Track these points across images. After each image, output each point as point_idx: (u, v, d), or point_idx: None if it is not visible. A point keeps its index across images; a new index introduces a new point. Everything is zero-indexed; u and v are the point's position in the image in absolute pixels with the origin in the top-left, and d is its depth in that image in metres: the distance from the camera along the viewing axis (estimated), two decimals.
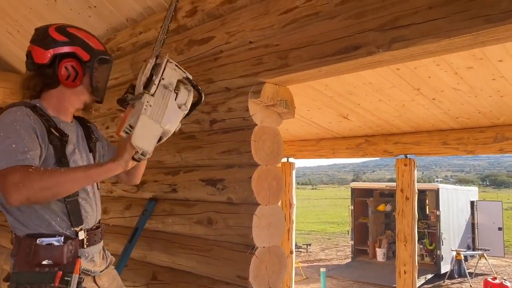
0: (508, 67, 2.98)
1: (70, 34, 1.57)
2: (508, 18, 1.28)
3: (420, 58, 1.66)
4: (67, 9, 3.09)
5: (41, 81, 1.56)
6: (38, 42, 1.55)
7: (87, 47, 1.58)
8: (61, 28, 1.58)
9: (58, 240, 1.46)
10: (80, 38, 1.58)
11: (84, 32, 1.63)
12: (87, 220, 1.58)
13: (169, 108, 1.57)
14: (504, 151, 4.10)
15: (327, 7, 1.77)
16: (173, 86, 1.59)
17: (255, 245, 2.00)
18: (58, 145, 1.51)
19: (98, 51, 1.62)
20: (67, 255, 1.47)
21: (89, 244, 1.57)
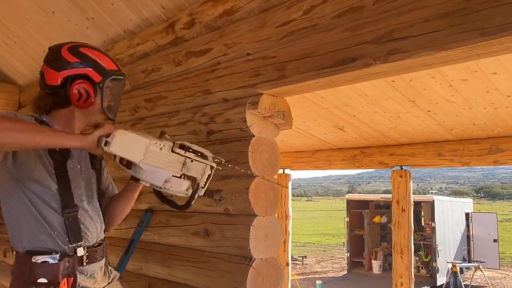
0: (502, 79, 3.02)
1: (82, 55, 1.56)
2: (502, 31, 1.30)
3: (417, 70, 1.69)
4: (64, 20, 3.10)
5: (52, 101, 1.57)
6: (50, 63, 1.55)
7: (99, 68, 1.57)
8: (74, 48, 1.57)
9: (53, 258, 1.45)
10: (92, 59, 1.57)
11: (97, 52, 1.61)
12: (87, 237, 1.56)
13: (162, 169, 1.45)
14: (499, 162, 4.13)
15: (324, 20, 1.79)
16: (186, 173, 1.51)
17: (252, 257, 1.99)
18: (59, 160, 1.51)
19: (110, 72, 1.60)
20: (63, 273, 1.45)
21: (89, 261, 1.55)
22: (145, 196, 2.64)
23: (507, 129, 3.98)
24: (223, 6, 2.23)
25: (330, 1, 1.77)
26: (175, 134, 2.46)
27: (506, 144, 4.10)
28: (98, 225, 1.65)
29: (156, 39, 2.67)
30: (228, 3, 2.20)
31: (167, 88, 2.54)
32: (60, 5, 2.97)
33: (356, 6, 1.68)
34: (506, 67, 2.81)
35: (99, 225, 1.66)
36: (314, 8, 1.83)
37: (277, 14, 1.99)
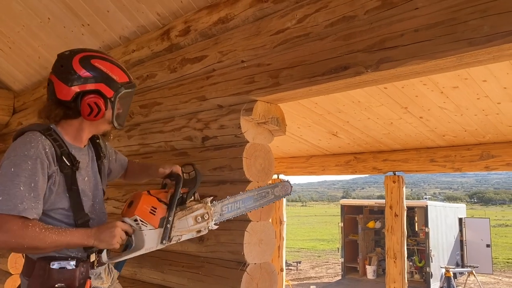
0: (492, 87, 3.08)
1: (94, 69, 1.53)
2: (489, 41, 1.34)
3: (407, 78, 1.72)
4: (60, 27, 3.12)
5: (62, 112, 1.57)
6: (60, 75, 1.52)
7: (111, 83, 1.56)
8: (86, 60, 1.54)
9: (71, 264, 1.50)
10: (104, 73, 1.55)
11: (109, 63, 1.58)
12: None
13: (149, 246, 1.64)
14: (490, 168, 4.19)
15: (317, 29, 1.82)
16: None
17: (246, 262, 2.01)
18: (69, 173, 1.52)
19: (122, 84, 1.60)
20: (79, 278, 1.50)
21: (99, 264, 1.61)
22: None
23: (497, 136, 4.04)
24: (218, 14, 2.26)
25: (323, 10, 1.81)
26: (170, 140, 2.48)
27: (496, 150, 4.16)
28: None
29: (151, 46, 2.70)
30: (223, 11, 2.23)
31: (162, 94, 2.56)
32: (56, 11, 2.99)
33: (348, 16, 1.72)
34: (496, 75, 2.87)
35: None
36: (308, 17, 1.86)
37: (271, 23, 2.02)
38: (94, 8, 2.84)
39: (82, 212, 1.56)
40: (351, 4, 1.71)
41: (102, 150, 1.78)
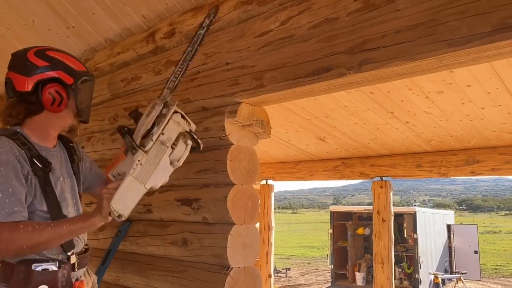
0: (476, 92, 3.11)
1: (50, 58, 1.53)
2: (468, 42, 1.35)
3: (390, 80, 1.73)
4: (45, 29, 3.09)
5: (24, 109, 1.53)
6: (18, 69, 1.51)
7: (70, 70, 1.55)
8: (41, 52, 1.54)
9: (53, 265, 1.48)
10: (61, 61, 1.54)
11: (64, 54, 1.59)
12: (77, 244, 1.59)
13: (160, 166, 1.55)
14: (475, 173, 4.23)
15: (300, 31, 1.83)
16: (171, 142, 1.57)
17: (230, 266, 1.99)
18: (42, 175, 1.49)
19: (81, 73, 1.59)
20: (61, 280, 1.48)
21: (79, 267, 1.59)
22: None
23: (482, 141, 4.08)
24: (203, 16, 2.25)
25: (306, 12, 1.81)
26: None
27: (482, 155, 4.20)
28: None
29: (136, 48, 2.68)
30: None
31: (146, 97, 2.54)
32: (41, 13, 2.96)
33: (330, 17, 1.73)
34: (479, 80, 2.90)
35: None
36: (291, 19, 1.87)
37: (255, 25, 2.02)
38: (79, 10, 2.81)
39: (60, 213, 1.53)
40: (333, 6, 1.72)
41: (76, 154, 1.74)
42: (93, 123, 2.96)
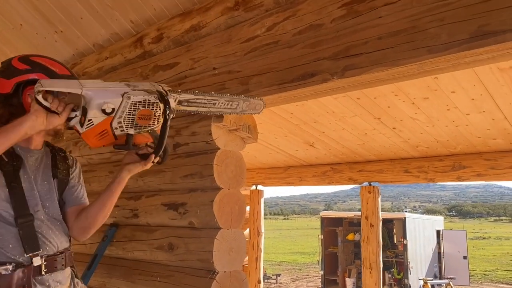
0: (460, 98, 3.16)
1: (32, 62, 1.54)
2: (447, 49, 1.38)
3: (373, 86, 1.76)
4: (33, 33, 3.08)
5: (7, 111, 1.52)
6: (1, 74, 1.53)
7: (50, 73, 1.54)
8: (24, 57, 1.56)
9: (6, 269, 1.39)
10: (42, 65, 1.54)
11: (48, 59, 1.59)
12: (45, 246, 1.50)
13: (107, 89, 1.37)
14: (462, 179, 4.28)
15: (286, 37, 1.85)
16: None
17: (215, 270, 1.99)
18: (10, 170, 1.47)
19: (63, 76, 1.56)
20: (17, 284, 1.40)
21: (48, 271, 1.48)
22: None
23: (468, 147, 4.14)
24: (190, 22, 2.28)
25: (291, 18, 1.84)
26: None
27: (468, 161, 4.26)
28: (59, 234, 1.58)
29: (124, 53, 2.69)
30: (195, 18, 2.25)
31: None
32: (28, 17, 2.96)
33: (315, 24, 1.75)
34: (463, 86, 2.95)
35: (60, 235, 1.59)
36: (277, 25, 1.89)
37: (242, 30, 2.05)
38: (67, 14, 2.82)
39: (25, 211, 1.48)
40: (318, 13, 1.75)
41: (66, 162, 1.71)
42: None
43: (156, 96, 1.40)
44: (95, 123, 1.35)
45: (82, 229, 1.66)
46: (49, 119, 1.38)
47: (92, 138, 1.38)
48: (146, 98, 1.38)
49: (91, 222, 1.66)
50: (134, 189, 2.50)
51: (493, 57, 1.40)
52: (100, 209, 1.64)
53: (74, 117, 1.36)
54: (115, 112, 1.34)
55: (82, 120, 1.34)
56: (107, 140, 1.41)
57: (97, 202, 1.64)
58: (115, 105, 1.33)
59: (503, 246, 33.07)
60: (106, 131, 1.37)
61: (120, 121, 1.36)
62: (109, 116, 1.34)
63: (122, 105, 1.34)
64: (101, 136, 1.39)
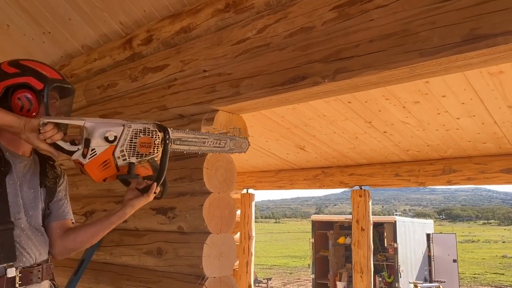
0: (451, 102, 3.17)
1: (21, 66, 1.52)
2: (438, 52, 1.37)
3: (364, 89, 1.74)
4: (20, 34, 3.03)
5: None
6: None
7: (40, 76, 1.51)
8: (14, 61, 1.55)
9: None
10: (32, 68, 1.52)
11: (39, 63, 1.57)
12: (22, 258, 1.44)
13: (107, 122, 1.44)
14: (452, 182, 4.30)
15: (277, 39, 1.83)
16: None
17: (205, 276, 1.95)
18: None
19: (53, 79, 1.54)
20: None
21: (22, 283, 1.41)
22: (97, 214, 2.57)
23: (458, 151, 4.16)
24: (180, 23, 2.25)
25: (282, 21, 1.82)
26: None
27: (458, 165, 4.28)
28: (38, 245, 1.52)
29: (113, 55, 2.65)
30: (185, 20, 2.22)
31: (122, 103, 2.51)
32: (16, 18, 2.90)
33: (306, 26, 1.74)
34: (454, 90, 2.96)
35: (40, 246, 1.53)
36: (268, 27, 1.87)
37: (233, 32, 2.02)
38: (55, 15, 2.77)
39: (5, 219, 1.42)
40: (309, 15, 1.74)
41: (55, 171, 1.67)
42: (68, 130, 2.90)
43: (154, 125, 1.46)
44: (98, 153, 1.38)
45: (66, 250, 1.63)
46: (30, 134, 1.38)
47: (95, 169, 1.39)
48: (146, 126, 1.43)
49: (78, 246, 1.64)
50: (122, 193, 2.45)
51: (485, 61, 1.39)
52: (92, 237, 1.62)
53: (76, 151, 1.39)
54: (117, 141, 1.38)
55: (85, 152, 1.37)
56: (109, 171, 1.41)
57: (90, 229, 1.61)
58: (117, 133, 1.38)
59: (491, 249, 33.40)
60: (108, 161, 1.39)
61: (122, 149, 1.40)
62: (112, 145, 1.38)
63: (124, 133, 1.39)
64: (104, 166, 1.40)
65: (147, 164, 1.50)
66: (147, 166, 1.51)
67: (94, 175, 1.40)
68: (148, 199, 1.57)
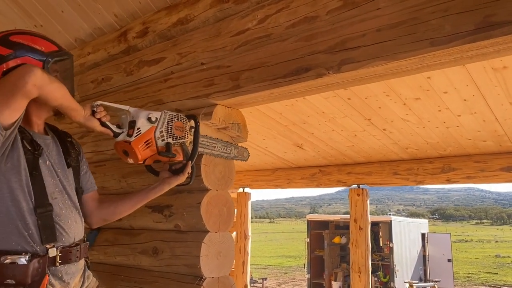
0: (452, 99, 3.12)
1: (14, 44, 1.45)
2: (451, 41, 1.31)
3: (369, 82, 1.68)
4: (10, 26, 2.92)
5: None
6: None
7: (37, 53, 1.47)
8: (4, 39, 1.46)
9: (22, 259, 1.38)
10: (26, 46, 1.46)
11: (31, 36, 1.51)
12: (61, 238, 1.48)
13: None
14: (451, 181, 4.25)
15: (278, 30, 1.76)
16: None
17: (203, 276, 1.89)
18: (31, 158, 1.44)
19: (51, 53, 1.50)
20: (32, 274, 1.38)
21: (62, 262, 1.47)
22: None
23: (458, 149, 4.11)
24: (177, 15, 2.17)
25: (284, 10, 1.75)
26: None
27: (457, 163, 4.24)
28: (76, 224, 1.56)
29: (107, 48, 2.57)
30: (182, 11, 2.15)
31: (117, 98, 2.43)
32: (6, 10, 2.81)
33: (310, 16, 1.67)
34: (456, 86, 2.90)
35: (77, 224, 1.57)
36: (269, 18, 1.80)
37: (232, 24, 1.95)
38: (47, 8, 2.68)
39: (44, 201, 1.44)
40: (312, 5, 1.67)
41: (74, 148, 1.68)
42: (61, 126, 2.81)
43: (183, 115, 1.75)
44: (142, 132, 1.59)
45: (102, 220, 1.76)
46: (88, 116, 1.57)
47: (140, 147, 1.59)
48: (178, 114, 1.72)
49: (115, 217, 1.77)
50: (117, 190, 2.38)
51: (498, 50, 1.33)
52: (129, 208, 1.77)
53: (121, 133, 1.61)
54: (157, 122, 1.63)
55: (131, 132, 1.59)
56: (150, 150, 1.62)
57: (129, 201, 1.76)
58: (157, 116, 1.63)
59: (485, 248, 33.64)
60: (150, 141, 1.61)
61: (162, 130, 1.63)
62: (153, 126, 1.61)
63: (162, 117, 1.64)
64: (146, 145, 1.60)
65: (179, 148, 1.71)
66: (179, 150, 1.71)
67: (139, 153, 1.59)
68: (181, 179, 1.76)
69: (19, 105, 1.30)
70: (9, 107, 1.28)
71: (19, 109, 1.31)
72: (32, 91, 1.30)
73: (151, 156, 1.65)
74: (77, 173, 1.66)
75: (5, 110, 1.27)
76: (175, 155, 1.67)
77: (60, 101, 1.42)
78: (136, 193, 1.77)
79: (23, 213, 1.40)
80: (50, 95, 1.36)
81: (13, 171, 1.40)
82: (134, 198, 1.75)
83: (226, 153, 2.00)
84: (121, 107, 1.63)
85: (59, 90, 1.39)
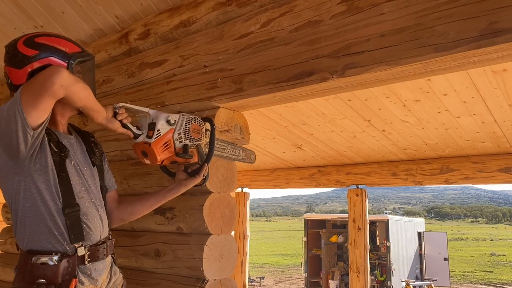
0: (452, 100, 3.13)
1: (39, 46, 1.48)
2: (455, 47, 1.32)
3: (373, 86, 1.68)
4: (10, 28, 2.92)
5: None
6: (10, 62, 1.49)
7: (61, 54, 1.50)
8: (29, 40, 1.49)
9: (52, 259, 1.42)
10: (51, 47, 1.49)
11: (55, 37, 1.54)
12: (89, 236, 1.52)
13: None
14: (449, 182, 4.28)
15: (282, 33, 1.77)
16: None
17: (205, 278, 1.89)
18: (58, 160, 1.47)
19: (75, 54, 1.53)
20: (62, 273, 1.42)
21: (91, 260, 1.51)
22: None
23: (456, 150, 4.14)
24: (179, 17, 2.17)
25: (288, 14, 1.75)
26: (126, 148, 2.34)
27: (455, 164, 4.26)
28: (102, 222, 1.60)
29: (109, 50, 2.56)
30: (185, 14, 2.14)
31: (118, 100, 2.42)
32: (6, 11, 2.80)
33: (313, 20, 1.67)
34: (456, 88, 2.92)
35: (103, 222, 1.61)
36: (272, 21, 1.81)
37: (235, 27, 1.95)
38: (48, 9, 2.67)
39: (73, 201, 1.48)
40: (316, 9, 1.67)
41: (97, 147, 1.72)
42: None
43: (199, 118, 1.78)
44: (162, 133, 1.63)
45: (121, 220, 1.80)
46: (111, 118, 1.58)
47: (159, 148, 1.62)
48: (195, 116, 1.76)
49: (132, 217, 1.81)
50: (118, 192, 2.38)
51: (502, 56, 1.34)
52: (147, 209, 1.80)
53: (141, 134, 1.64)
54: (175, 125, 1.66)
55: (150, 134, 1.62)
56: (169, 151, 1.65)
57: (146, 202, 1.79)
58: (176, 118, 1.67)
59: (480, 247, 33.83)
60: (169, 142, 1.64)
61: (180, 132, 1.66)
62: (172, 128, 1.65)
63: (180, 119, 1.68)
64: (165, 147, 1.64)
65: (194, 150, 1.73)
66: (194, 152, 1.73)
67: (158, 154, 1.62)
68: (197, 181, 1.79)
69: (46, 106, 1.32)
70: (37, 108, 1.30)
71: (46, 110, 1.33)
72: (59, 91, 1.31)
73: (169, 157, 1.68)
74: (101, 171, 1.70)
75: (33, 111, 1.29)
76: (191, 156, 1.70)
77: (84, 102, 1.44)
78: (153, 194, 1.80)
79: (52, 213, 1.43)
80: (75, 95, 1.38)
81: (41, 172, 1.42)
82: (151, 199, 1.78)
83: (235, 155, 2.04)
84: (141, 109, 1.66)
85: (84, 91, 1.41)
